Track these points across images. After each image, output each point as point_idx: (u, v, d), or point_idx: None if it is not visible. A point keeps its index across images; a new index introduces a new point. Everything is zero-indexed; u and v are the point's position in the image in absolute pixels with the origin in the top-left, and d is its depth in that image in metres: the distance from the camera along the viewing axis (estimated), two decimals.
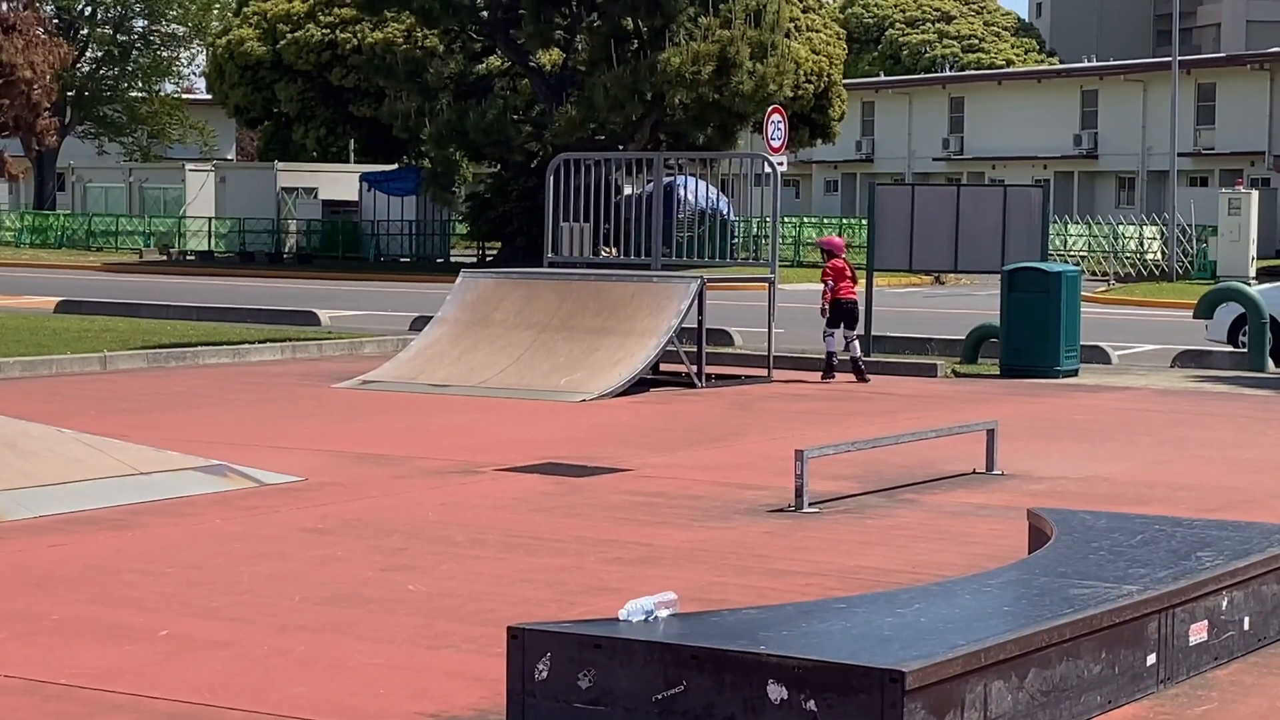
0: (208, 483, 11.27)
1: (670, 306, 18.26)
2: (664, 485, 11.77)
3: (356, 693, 6.57)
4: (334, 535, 9.79)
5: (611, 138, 42.03)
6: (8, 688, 6.53)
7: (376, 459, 12.74)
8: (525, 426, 15.00)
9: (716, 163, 27.52)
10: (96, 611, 7.81)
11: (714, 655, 5.71)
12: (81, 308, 28.08)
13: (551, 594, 8.34)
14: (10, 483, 10.44)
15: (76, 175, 62.57)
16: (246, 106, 56.11)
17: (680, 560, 9.25)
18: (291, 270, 48.87)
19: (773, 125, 29.35)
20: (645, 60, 41.48)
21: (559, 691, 5.91)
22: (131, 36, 73.54)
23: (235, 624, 7.61)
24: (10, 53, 26.13)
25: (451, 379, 17.84)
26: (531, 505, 10.92)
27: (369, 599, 8.17)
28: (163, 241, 55.29)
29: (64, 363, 19.13)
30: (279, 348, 21.57)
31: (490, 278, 20.33)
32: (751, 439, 14.48)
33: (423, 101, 44.15)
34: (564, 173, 20.69)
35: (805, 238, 53.04)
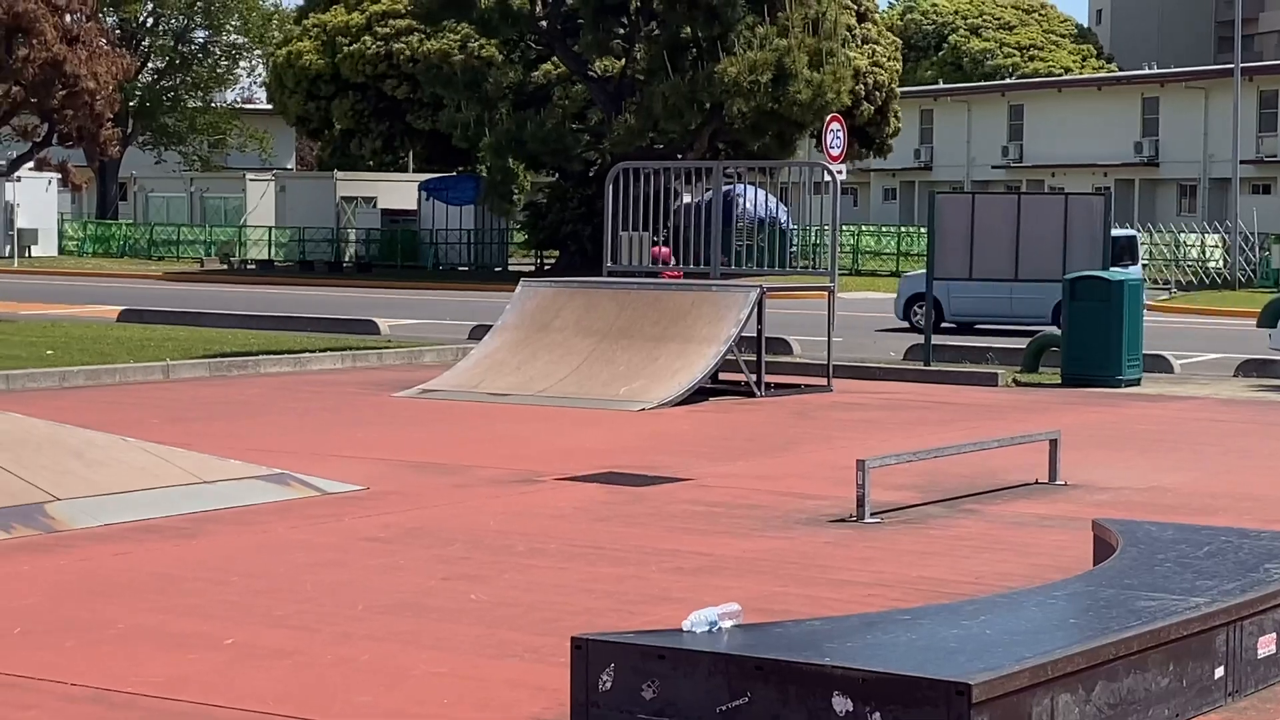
0: (271, 491, 11.32)
1: (729, 315, 18.24)
2: (724, 495, 11.76)
3: (420, 702, 6.58)
4: (396, 544, 9.81)
5: (670, 146, 42.05)
6: (75, 696, 6.57)
7: (437, 468, 12.77)
8: (585, 435, 15.00)
9: (775, 171, 27.49)
10: (161, 620, 7.85)
11: (779, 666, 5.69)
12: (144, 317, 28.28)
13: (613, 604, 8.34)
14: (76, 491, 10.51)
15: (139, 185, 63.08)
16: (305, 117, 56.43)
17: (742, 570, 9.23)
18: (351, 279, 49.12)
19: (832, 134, 29.31)
20: (703, 69, 41.47)
21: (623, 702, 5.90)
22: (192, 47, 74.06)
23: (299, 633, 7.64)
24: (74, 64, 26.29)
25: (511, 388, 17.87)
26: (592, 514, 10.92)
27: (431, 608, 8.18)
28: (223, 251, 55.66)
29: (127, 371, 19.26)
30: (339, 356, 21.66)
31: (549, 286, 20.36)
32: (812, 448, 14.44)
33: (481, 111, 44.29)
34: (623, 181, 20.70)
35: (864, 246, 52.97)
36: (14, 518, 9.97)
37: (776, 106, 41.14)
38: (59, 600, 8.25)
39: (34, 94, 26.67)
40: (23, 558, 9.25)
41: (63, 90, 26.54)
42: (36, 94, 26.66)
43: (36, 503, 10.23)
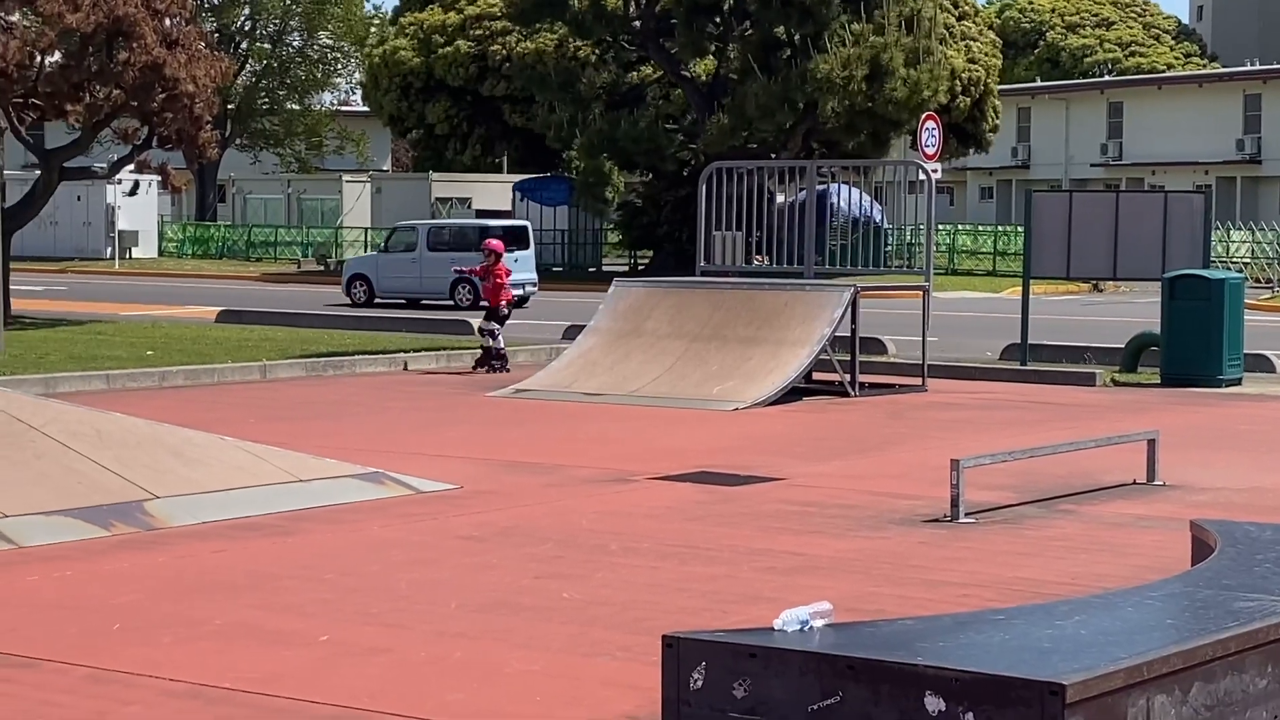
0: (366, 490, 11.40)
1: (823, 315, 18.19)
2: (818, 494, 11.72)
3: (513, 699, 6.60)
4: (489, 543, 9.86)
5: (763, 146, 41.99)
6: (173, 691, 6.65)
7: (530, 467, 12.81)
8: (678, 435, 15.01)
9: (870, 170, 27.40)
10: (258, 616, 7.93)
11: (870, 666, 5.66)
12: (242, 317, 28.56)
13: (705, 603, 8.33)
14: (175, 489, 10.64)
15: (237, 187, 63.71)
16: (400, 117, 56.76)
17: (834, 570, 9.20)
18: None
19: (927, 132, 29.17)
20: (797, 68, 41.38)
21: (714, 701, 5.89)
22: (289, 50, 74.70)
23: (393, 630, 7.69)
24: (174, 67, 26.56)
25: (604, 388, 17.90)
26: (685, 514, 10.92)
27: (524, 606, 8.21)
28: (320, 252, 56.08)
29: (225, 371, 19.46)
30: (434, 356, 21.79)
31: (642, 287, 20.38)
32: (906, 448, 14.37)
33: (575, 111, 44.40)
34: (716, 181, 20.69)
35: (960, 245, 52.62)
36: (114, 515, 10.11)
37: (871, 105, 40.98)
38: (158, 597, 8.35)
39: (134, 97, 26.96)
40: (122, 555, 9.37)
41: (162, 93, 26.81)
42: (136, 97, 26.94)
43: (136, 500, 10.37)
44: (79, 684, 6.74)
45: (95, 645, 7.33)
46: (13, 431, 10.80)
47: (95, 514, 10.07)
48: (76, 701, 6.50)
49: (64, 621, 7.81)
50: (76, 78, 27.11)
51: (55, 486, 10.29)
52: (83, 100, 27.32)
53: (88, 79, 27.17)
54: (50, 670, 6.93)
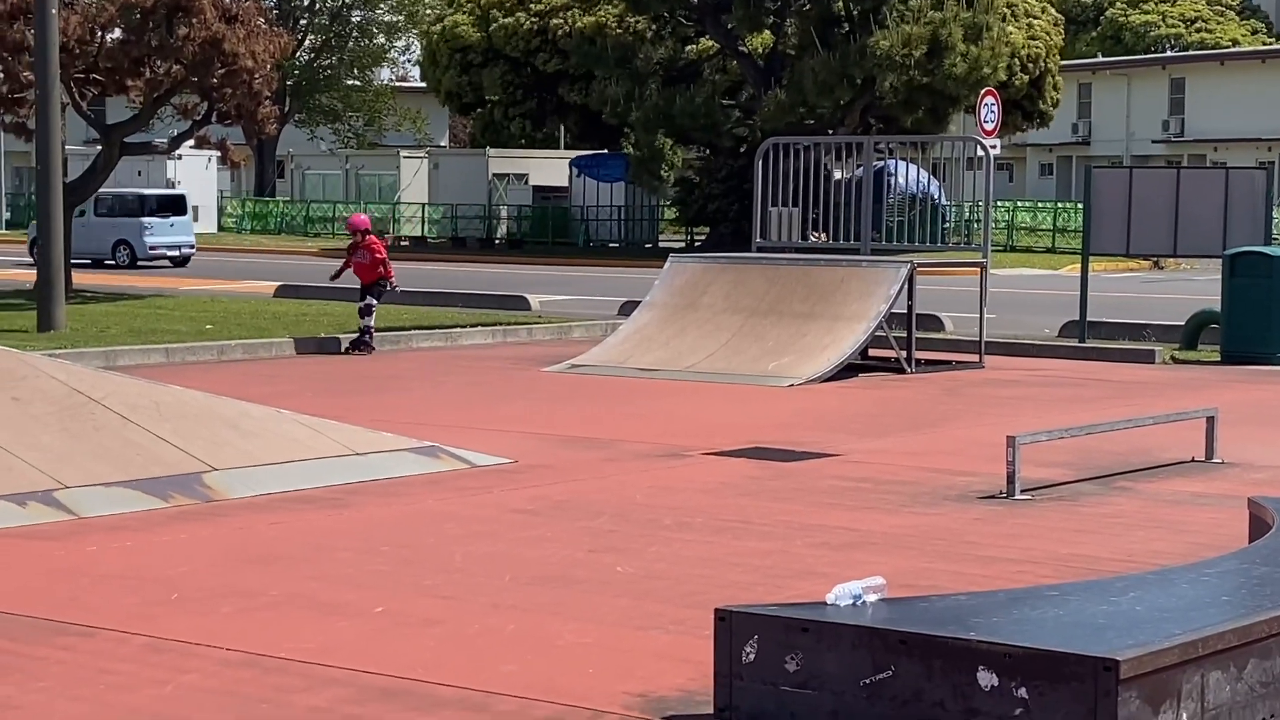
0: (421, 464, 11.45)
1: (879, 291, 18.14)
2: (872, 470, 11.70)
3: (566, 672, 6.63)
4: (543, 516, 9.89)
5: (821, 122, 41.83)
6: (231, 660, 6.70)
7: (585, 442, 12.84)
8: (732, 411, 15.00)
9: (928, 146, 27.25)
10: (314, 588, 7.98)
11: (923, 640, 5.66)
12: (300, 292, 28.69)
13: (759, 577, 8.34)
14: (232, 461, 10.71)
15: (295, 163, 63.93)
16: (458, 92, 56.81)
17: (888, 546, 9.19)
18: (502, 255, 49.45)
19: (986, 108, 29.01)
20: (855, 43, 41.20)
21: (766, 674, 5.90)
22: (348, 26, 74.87)
23: (448, 602, 7.72)
24: (233, 43, 26.65)
25: (659, 363, 17.90)
26: (738, 489, 10.92)
27: (578, 580, 8.23)
28: (377, 227, 56.18)
29: (284, 346, 19.56)
30: (490, 332, 21.85)
31: (698, 262, 20.37)
32: (962, 425, 14.33)
33: (632, 86, 44.33)
34: (773, 157, 20.64)
35: (1018, 222, 52.33)
36: (172, 487, 10.19)
37: (930, 80, 40.76)
38: (215, 568, 8.41)
39: (194, 72, 27.09)
40: (180, 526, 9.45)
41: (221, 69, 26.93)
42: (196, 72, 27.07)
43: (194, 472, 10.45)
44: (138, 653, 6.81)
45: (154, 615, 7.39)
46: (73, 404, 10.90)
47: (154, 485, 10.15)
48: (135, 670, 6.56)
49: (123, 591, 7.89)
50: (137, 53, 27.25)
51: (114, 458, 10.37)
52: (143, 76, 27.48)
53: (148, 54, 27.30)
54: (109, 639, 7.00)
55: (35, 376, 11.17)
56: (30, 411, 10.66)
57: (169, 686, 6.35)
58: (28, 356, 12.00)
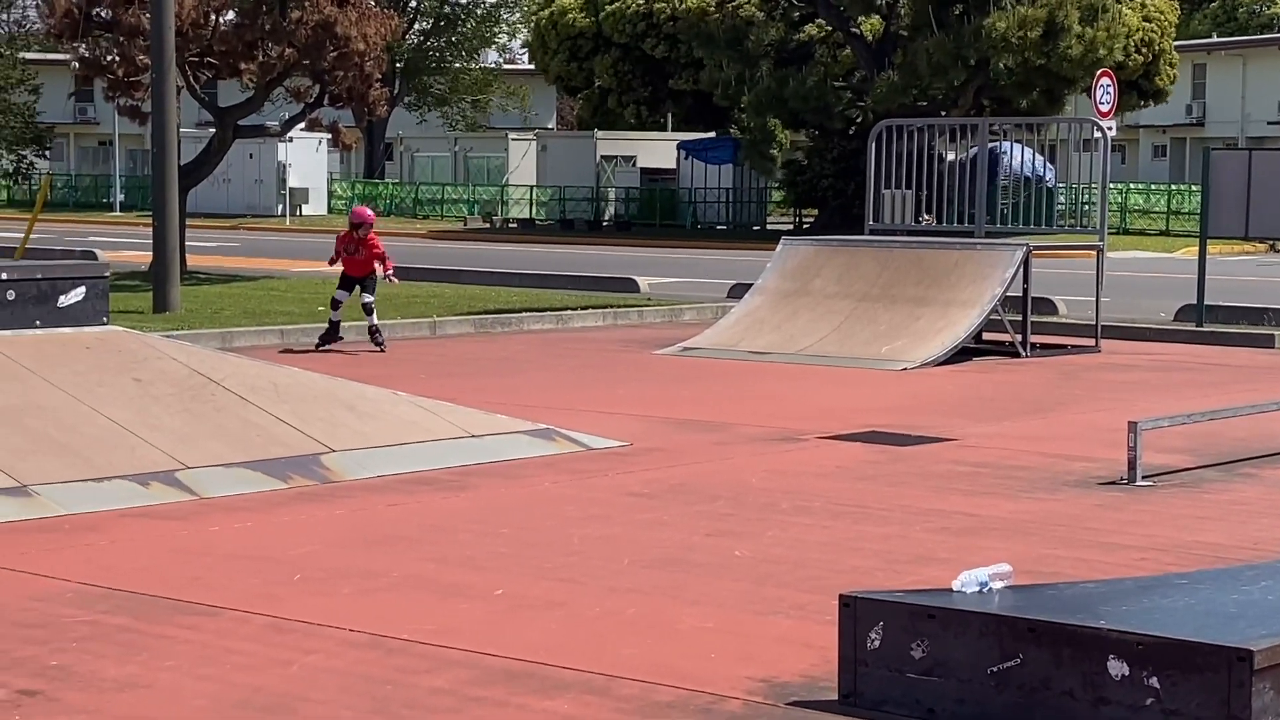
0: (536, 446, 11.47)
1: (995, 275, 17.97)
2: (989, 455, 11.60)
3: (687, 656, 6.61)
4: (660, 500, 9.87)
5: (933, 104, 41.51)
6: (353, 641, 6.74)
7: (699, 425, 12.81)
8: (846, 394, 14.93)
9: (1042, 128, 26.98)
10: (433, 569, 8.01)
11: (1052, 629, 5.59)
12: (410, 274, 28.80)
13: (878, 563, 8.28)
14: (350, 443, 10.78)
15: (404, 145, 64.32)
16: (566, 76, 56.91)
17: (1008, 531, 9.10)
18: (610, 237, 49.48)
19: (1102, 89, 28.68)
20: (970, 24, 40.83)
21: (891, 660, 5.86)
22: (456, 8, 75.17)
23: (567, 585, 7.73)
24: (344, 25, 26.84)
25: (771, 346, 17.84)
26: (855, 473, 10.86)
27: (696, 563, 8.21)
28: (486, 209, 56.49)
29: (395, 328, 19.67)
30: (600, 314, 21.87)
31: (810, 245, 20.28)
32: (1079, 409, 14.17)
33: (743, 69, 44.19)
34: (886, 139, 20.50)
35: (1132, 204, 51.73)
36: (291, 468, 10.27)
37: (1045, 62, 40.34)
38: (335, 548, 8.47)
39: (306, 56, 27.29)
40: (300, 507, 9.52)
41: (333, 52, 27.11)
42: (308, 56, 27.28)
43: (312, 453, 10.52)
44: (261, 632, 6.86)
45: (276, 595, 7.45)
46: (194, 385, 11.01)
47: (273, 466, 10.23)
48: (260, 650, 6.61)
49: (245, 571, 7.95)
50: (250, 36, 27.50)
51: (234, 439, 10.47)
52: (256, 59, 27.72)
53: (261, 38, 27.54)
54: (233, 619, 7.06)
55: (157, 358, 11.30)
56: (152, 392, 10.77)
57: (293, 667, 6.39)
58: (149, 338, 12.13)
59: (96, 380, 10.71)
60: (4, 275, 11.04)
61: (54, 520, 8.99)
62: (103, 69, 27.75)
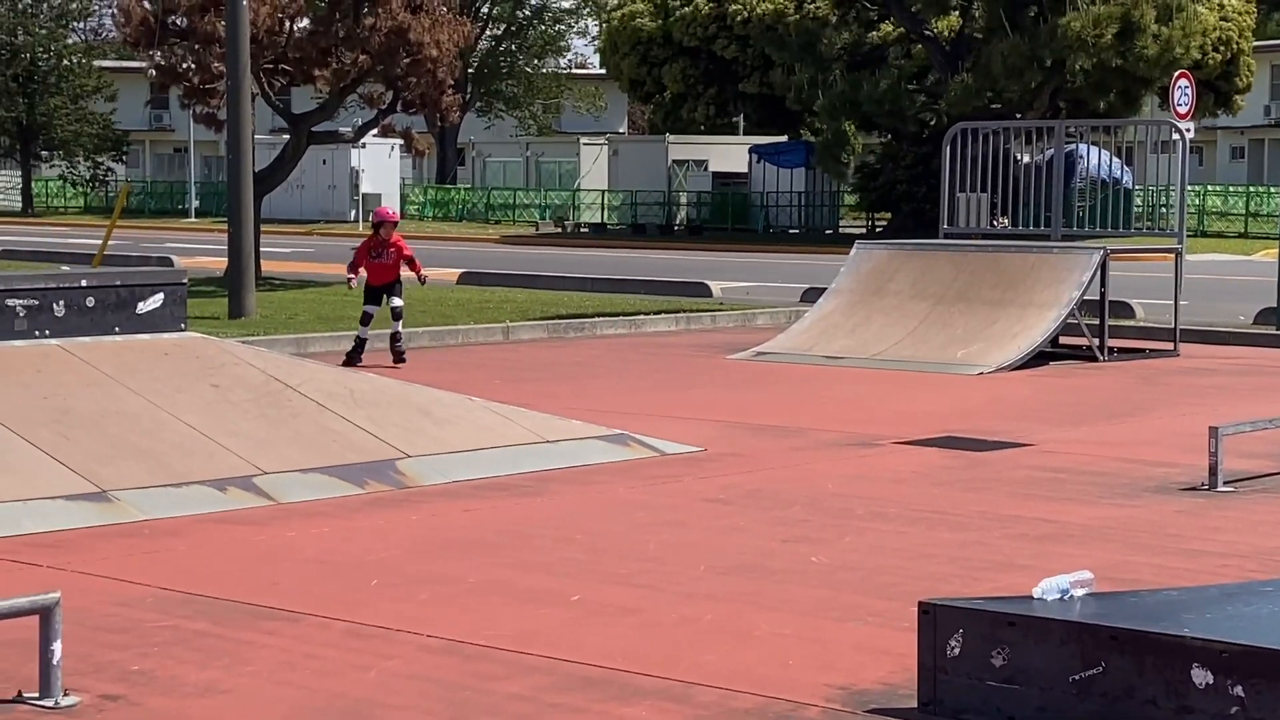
0: (611, 451, 11.46)
1: (1071, 278, 17.84)
2: (1068, 460, 11.51)
3: (764, 662, 6.58)
4: (735, 505, 9.85)
5: (1008, 106, 41.27)
6: (431, 647, 6.75)
7: (773, 430, 12.77)
8: (922, 399, 14.85)
9: (1118, 130, 26.75)
10: (510, 575, 8.01)
11: (1135, 636, 5.53)
12: (482, 279, 28.94)
13: (956, 569, 8.23)
14: (426, 449, 10.81)
15: (476, 150, 64.53)
16: (638, 80, 56.95)
17: (1088, 538, 9.02)
18: (681, 242, 49.48)
19: (1179, 90, 28.38)
20: (1045, 26, 40.56)
21: (971, 668, 5.81)
22: (527, 13, 75.37)
23: (643, 591, 7.72)
24: (418, 32, 26.98)
25: (846, 351, 17.78)
26: (931, 479, 10.80)
27: (773, 570, 8.18)
28: (558, 214, 56.60)
29: (469, 333, 19.73)
30: (673, 319, 21.85)
31: (885, 249, 20.19)
32: (1158, 414, 14.04)
33: (815, 73, 44.09)
34: (960, 142, 20.39)
35: (1209, 207, 51.28)
36: (368, 473, 10.30)
37: (1121, 63, 40.03)
38: (412, 554, 8.49)
39: (379, 62, 27.46)
40: (377, 512, 9.55)
41: (406, 58, 27.26)
42: (382, 62, 27.44)
43: (388, 459, 10.56)
44: (340, 638, 6.88)
45: (354, 600, 7.47)
46: (271, 391, 11.07)
47: (349, 472, 10.27)
48: (338, 655, 6.63)
49: (323, 577, 7.98)
50: (324, 43, 27.68)
51: (311, 444, 10.52)
52: (330, 65, 27.90)
53: (335, 44, 27.72)
54: (312, 624, 7.08)
55: (234, 364, 11.37)
56: (230, 398, 10.84)
57: (372, 672, 6.41)
58: (226, 344, 12.21)
59: (175, 386, 10.79)
60: (83, 282, 11.14)
61: (134, 525, 9.06)
62: (178, 77, 28.00)
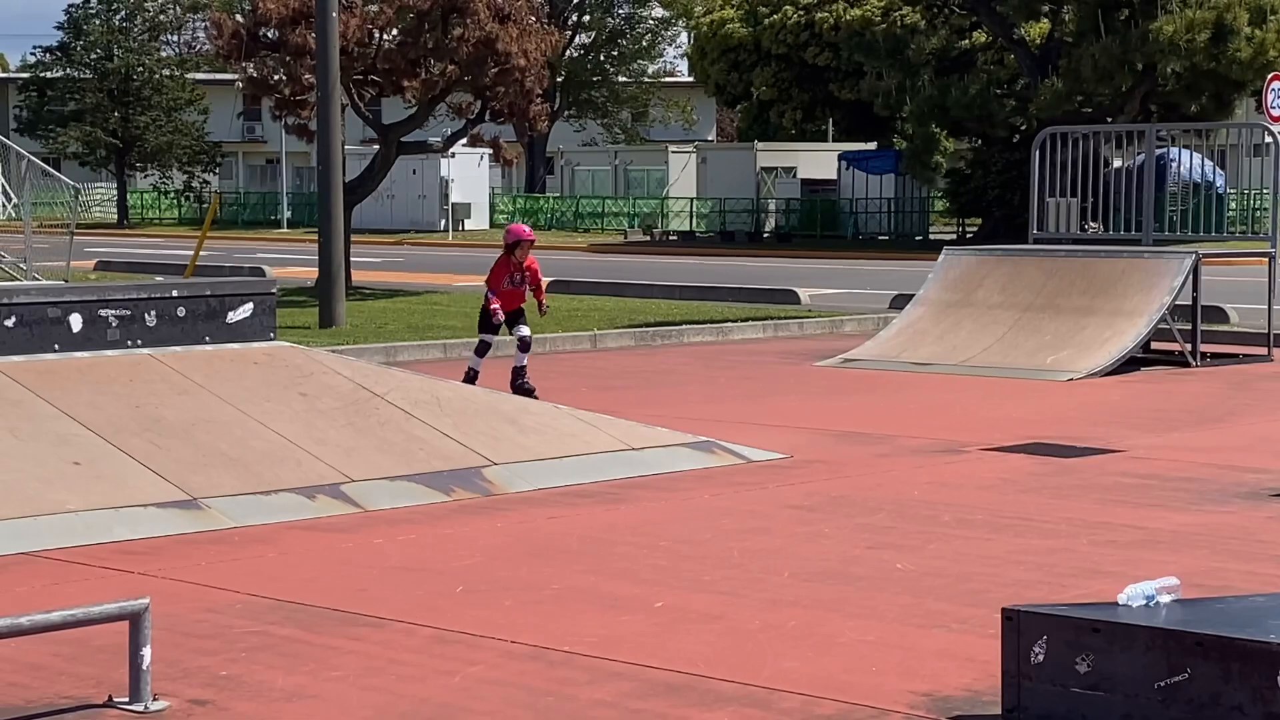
0: (696, 459, 11.48)
1: (1162, 283, 17.68)
2: (1158, 467, 11.41)
3: (848, 669, 6.57)
4: (820, 512, 9.84)
5: (1098, 110, 40.98)
6: (515, 653, 6.79)
7: (859, 437, 12.74)
8: (1010, 405, 14.76)
9: (1211, 133, 26.50)
10: (594, 581, 8.04)
11: (1220, 643, 5.48)
12: (570, 287, 29.01)
13: (1042, 576, 8.18)
14: (512, 456, 10.86)
15: (565, 159, 64.74)
16: (726, 86, 56.94)
17: (1177, 544, 8.94)
18: (770, 249, 49.41)
19: (1273, 92, 28.08)
20: (1136, 29, 40.25)
21: (1055, 675, 5.78)
22: (618, 21, 75.54)
23: (726, 598, 7.72)
24: (505, 42, 27.11)
25: (933, 357, 17.70)
26: (1018, 485, 10.74)
27: (857, 576, 8.17)
28: (646, 222, 56.66)
29: (556, 341, 19.80)
30: (760, 326, 21.83)
31: (973, 255, 20.09)
32: (1251, 420, 13.89)
33: (904, 78, 43.95)
34: (1050, 147, 20.27)
35: None
36: (454, 481, 10.37)
37: (1214, 66, 39.65)
38: (497, 561, 8.54)
39: (467, 72, 27.60)
40: (463, 519, 9.61)
41: (494, 68, 27.38)
42: (470, 72, 27.58)
43: (474, 467, 10.62)
44: (425, 644, 6.93)
45: (439, 606, 7.52)
46: (358, 399, 11.16)
47: (436, 479, 10.34)
48: (423, 660, 6.68)
49: (409, 583, 8.04)
50: (413, 54, 27.85)
51: (398, 452, 10.60)
52: (419, 76, 28.08)
53: (423, 55, 27.89)
54: (397, 630, 7.14)
55: (322, 373, 11.47)
56: (318, 407, 10.94)
57: (457, 678, 6.45)
58: (315, 353, 12.32)
59: (264, 395, 10.90)
60: (174, 292, 11.28)
61: (224, 533, 9.17)
62: (270, 88, 28.28)
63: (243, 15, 28.17)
